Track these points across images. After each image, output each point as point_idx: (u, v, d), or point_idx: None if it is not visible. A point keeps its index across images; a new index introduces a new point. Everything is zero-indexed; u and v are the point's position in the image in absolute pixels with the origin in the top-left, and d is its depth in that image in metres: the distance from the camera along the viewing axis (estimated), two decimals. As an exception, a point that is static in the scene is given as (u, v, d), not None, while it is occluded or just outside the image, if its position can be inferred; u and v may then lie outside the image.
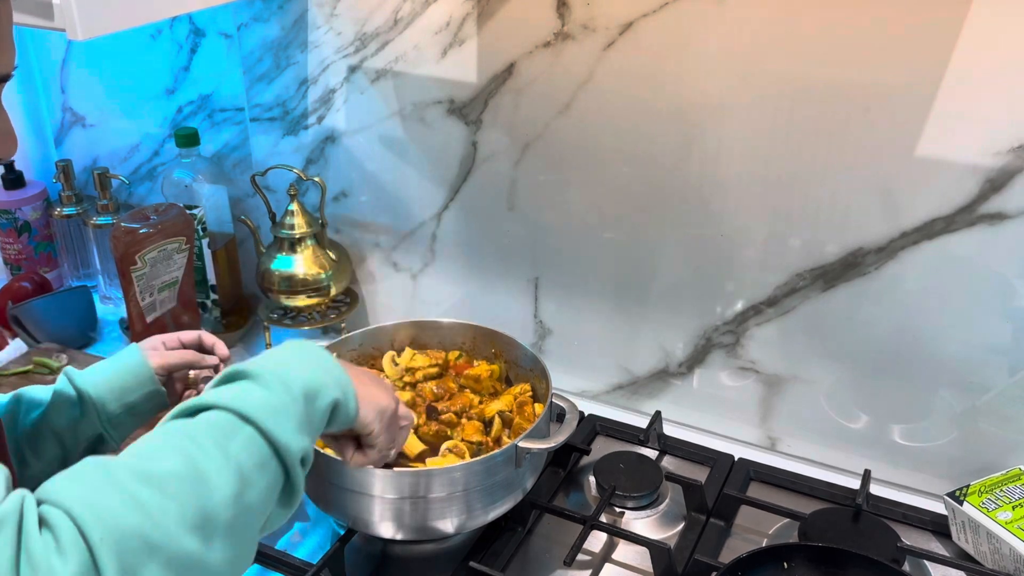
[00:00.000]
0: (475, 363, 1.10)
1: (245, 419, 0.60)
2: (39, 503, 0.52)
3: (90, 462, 0.55)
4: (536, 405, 1.03)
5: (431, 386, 1.05)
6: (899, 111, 0.92)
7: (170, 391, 0.91)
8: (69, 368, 0.88)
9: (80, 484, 0.53)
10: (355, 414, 0.71)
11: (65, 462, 0.84)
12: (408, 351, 1.11)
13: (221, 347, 0.94)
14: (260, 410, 0.61)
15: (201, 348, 0.93)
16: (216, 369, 0.93)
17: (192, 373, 0.92)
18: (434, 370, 1.07)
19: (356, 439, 0.78)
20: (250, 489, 0.58)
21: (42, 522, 0.51)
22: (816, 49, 0.93)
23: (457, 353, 1.11)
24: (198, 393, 0.91)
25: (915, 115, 0.92)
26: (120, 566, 0.50)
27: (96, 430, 0.86)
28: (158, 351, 0.91)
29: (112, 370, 0.88)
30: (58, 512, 0.51)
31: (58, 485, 0.54)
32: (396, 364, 1.10)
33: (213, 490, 0.56)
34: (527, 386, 1.05)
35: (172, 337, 0.92)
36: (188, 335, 0.93)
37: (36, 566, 0.48)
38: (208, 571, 0.54)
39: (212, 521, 0.55)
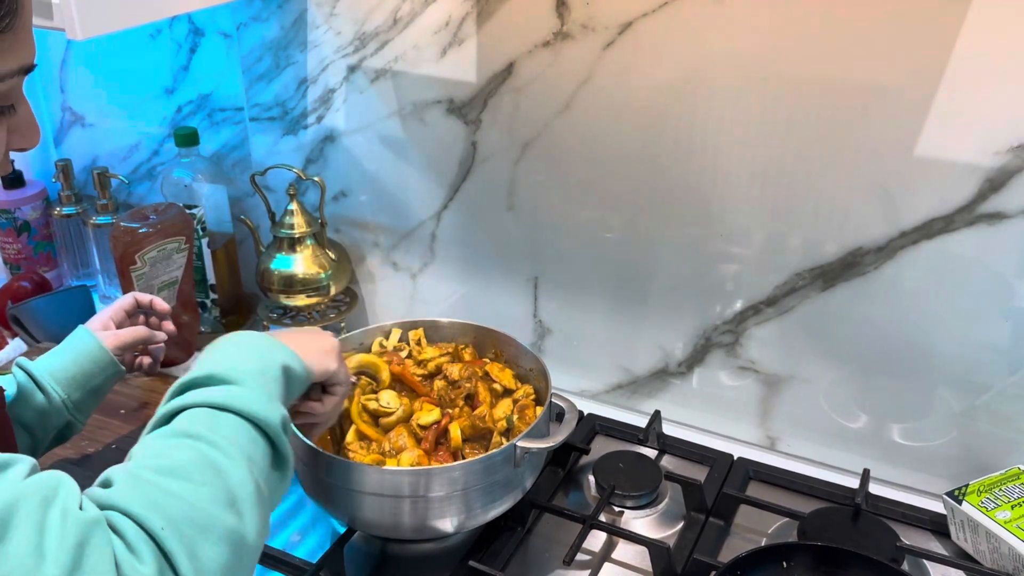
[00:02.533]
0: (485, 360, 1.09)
1: (220, 408, 0.64)
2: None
3: (114, 472, 0.58)
4: (538, 408, 1.02)
5: (456, 369, 1.02)
6: (898, 110, 0.92)
7: (122, 361, 0.98)
8: (23, 360, 0.90)
9: (121, 490, 0.57)
10: (306, 368, 0.75)
11: (35, 451, 0.90)
12: (395, 331, 1.10)
13: (158, 302, 1.02)
14: (228, 398, 0.65)
15: (139, 306, 1.01)
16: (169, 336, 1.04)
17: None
18: (445, 359, 1.06)
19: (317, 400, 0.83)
20: (254, 464, 0.63)
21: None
22: (815, 48, 0.94)
23: (464, 345, 1.10)
24: (148, 356, 1.03)
25: (914, 114, 0.92)
26: (186, 549, 0.54)
27: (64, 418, 0.92)
28: (110, 331, 0.97)
29: (71, 359, 0.93)
30: (116, 514, 0.55)
31: (101, 494, 0.57)
32: (383, 347, 1.09)
33: (229, 471, 0.60)
34: (530, 388, 1.05)
35: (116, 310, 0.98)
36: (126, 302, 1.01)
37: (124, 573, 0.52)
38: (247, 540, 0.59)
39: (238, 497, 0.59)
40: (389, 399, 0.98)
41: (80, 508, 0.53)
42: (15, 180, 1.46)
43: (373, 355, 1.03)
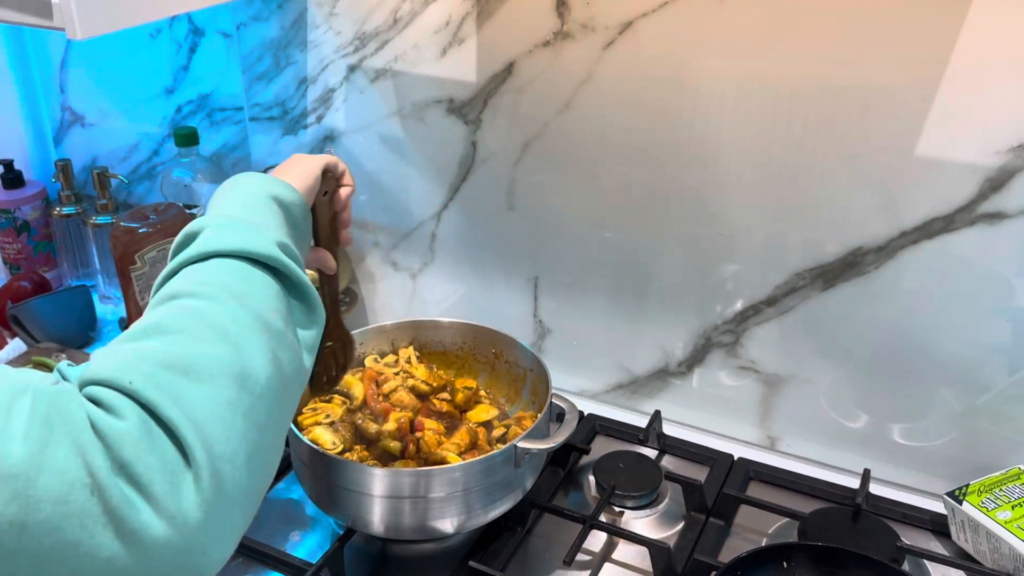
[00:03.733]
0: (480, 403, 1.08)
1: (199, 259, 0.61)
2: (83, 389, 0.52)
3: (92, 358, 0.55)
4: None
5: (394, 419, 0.99)
6: (899, 110, 0.92)
7: None
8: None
9: (92, 365, 0.53)
10: (293, 188, 0.70)
11: None
12: (405, 351, 1.11)
13: None
14: (203, 245, 0.61)
15: None
16: None
17: None
18: (426, 388, 1.05)
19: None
20: (249, 297, 0.58)
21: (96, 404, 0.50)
22: (816, 48, 0.93)
23: (469, 384, 1.08)
24: None
25: (915, 114, 0.92)
26: (166, 395, 0.50)
27: None
28: None
29: None
30: (90, 387, 0.51)
31: (76, 375, 0.54)
32: (377, 361, 1.09)
33: (209, 311, 0.56)
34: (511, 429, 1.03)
35: None
36: None
37: (103, 435, 0.48)
38: (251, 371, 0.54)
39: (228, 330, 0.55)
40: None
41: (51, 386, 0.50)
42: (15, 180, 1.46)
43: (348, 374, 1.03)
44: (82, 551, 0.45)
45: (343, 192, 0.81)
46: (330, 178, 0.79)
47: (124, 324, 1.35)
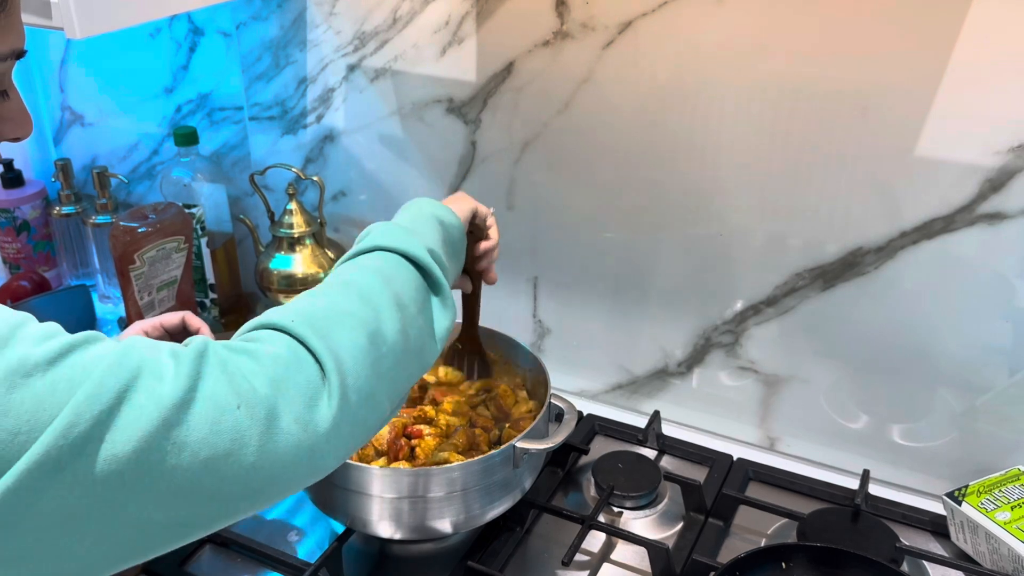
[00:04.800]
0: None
1: (365, 252, 0.74)
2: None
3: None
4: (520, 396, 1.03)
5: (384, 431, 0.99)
6: (898, 110, 0.92)
7: None
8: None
9: (258, 316, 0.65)
10: (452, 212, 0.83)
11: None
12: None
13: (206, 330, 0.91)
14: (371, 242, 0.74)
15: (187, 331, 0.91)
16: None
17: None
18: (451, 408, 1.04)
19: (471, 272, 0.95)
20: (393, 280, 0.70)
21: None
22: (815, 48, 0.93)
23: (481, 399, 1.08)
24: None
25: (914, 114, 0.91)
26: (316, 333, 0.61)
27: None
28: None
29: None
30: (253, 331, 0.63)
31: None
32: None
33: (360, 281, 0.68)
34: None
35: (154, 324, 0.89)
36: (171, 319, 0.90)
37: (260, 359, 0.58)
38: (384, 334, 0.65)
39: (371, 298, 0.67)
40: None
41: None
42: (14, 179, 1.46)
43: None
44: (231, 460, 0.53)
45: (483, 245, 0.91)
46: (478, 224, 0.90)
47: (123, 324, 1.35)
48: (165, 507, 0.51)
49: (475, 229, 0.90)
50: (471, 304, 1.01)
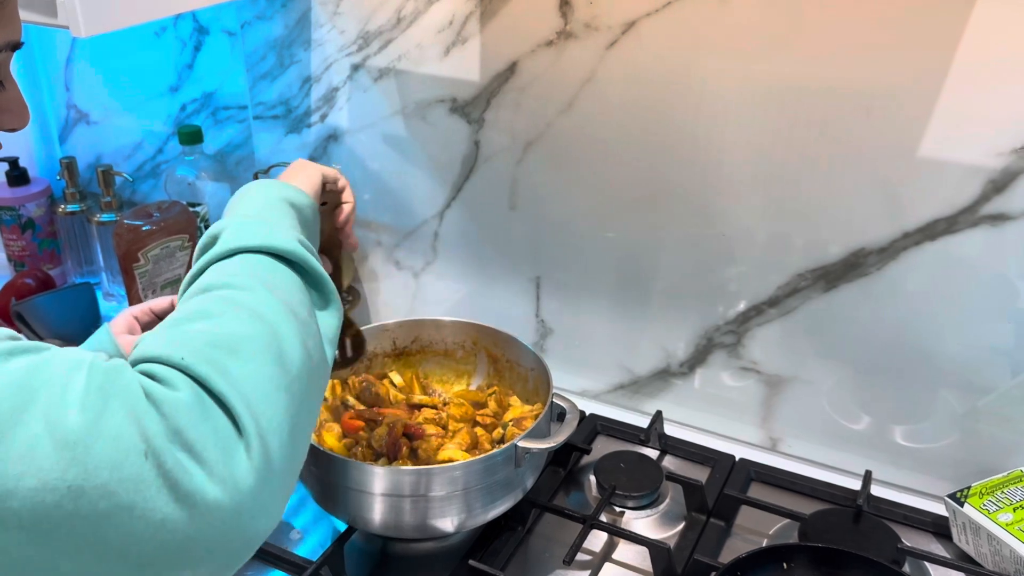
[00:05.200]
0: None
1: (225, 256, 0.65)
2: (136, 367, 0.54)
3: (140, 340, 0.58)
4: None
5: (381, 433, 0.99)
6: (902, 111, 0.92)
7: None
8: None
9: (142, 345, 0.56)
10: (301, 191, 0.75)
11: None
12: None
13: None
14: (226, 244, 0.65)
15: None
16: None
17: None
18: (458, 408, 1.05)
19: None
20: (276, 288, 0.62)
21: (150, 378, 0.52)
22: (819, 48, 0.93)
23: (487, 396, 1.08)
24: None
25: (918, 115, 0.91)
26: (215, 369, 0.52)
27: None
28: (135, 334, 0.87)
29: None
30: (143, 364, 0.54)
31: (130, 357, 0.56)
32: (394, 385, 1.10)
33: (245, 298, 0.60)
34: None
35: (144, 310, 0.88)
36: (161, 304, 0.88)
37: (159, 404, 0.50)
38: (286, 351, 0.57)
39: (263, 313, 0.58)
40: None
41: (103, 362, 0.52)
42: (19, 177, 1.46)
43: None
44: (136, 514, 0.47)
45: (345, 209, 0.85)
46: (330, 191, 0.83)
47: (127, 321, 1.36)
48: (74, 561, 0.46)
49: (329, 197, 0.83)
50: (336, 279, 0.92)
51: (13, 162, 1.45)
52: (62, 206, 1.47)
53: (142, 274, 1.20)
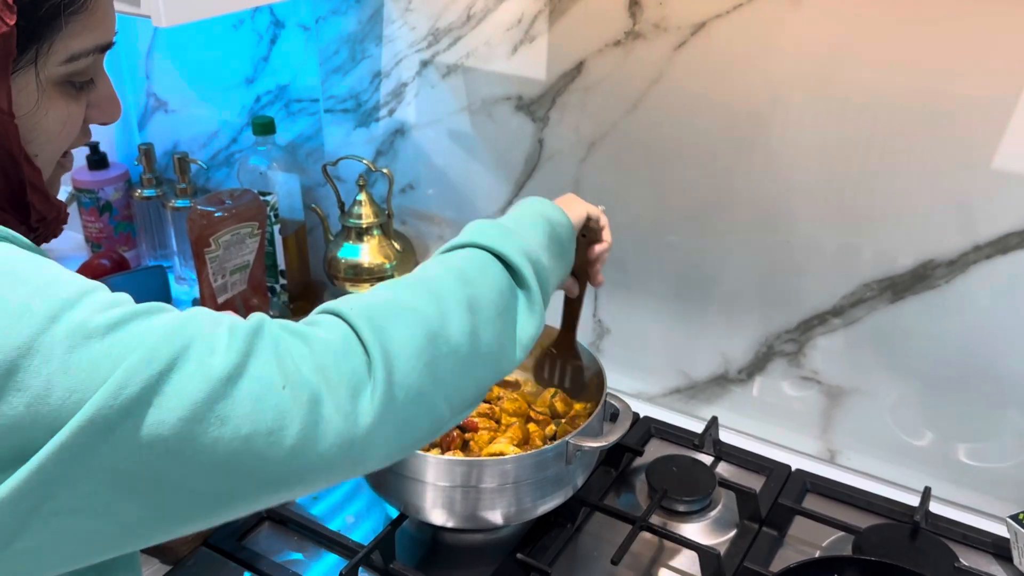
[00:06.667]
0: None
1: (457, 247, 0.73)
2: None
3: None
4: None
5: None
6: (977, 121, 0.90)
7: None
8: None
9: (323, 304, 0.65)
10: (564, 213, 0.81)
11: None
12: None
13: None
14: (465, 238, 0.74)
15: None
16: None
17: None
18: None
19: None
20: (475, 282, 0.68)
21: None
22: (892, 55, 0.92)
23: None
24: None
25: (994, 125, 0.89)
26: (370, 324, 0.60)
27: None
28: None
29: None
30: (321, 315, 0.63)
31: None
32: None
33: (435, 278, 0.68)
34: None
35: None
36: None
37: (312, 343, 0.58)
38: (447, 336, 0.64)
39: (442, 296, 0.65)
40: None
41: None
42: (99, 162, 1.52)
43: None
44: (272, 440, 0.53)
45: (597, 248, 0.90)
46: (592, 228, 0.88)
47: (197, 304, 1.39)
48: (207, 479, 0.52)
49: (589, 232, 0.89)
50: (572, 308, 0.99)
51: (93, 147, 1.51)
52: (139, 191, 1.51)
53: (212, 259, 1.23)
